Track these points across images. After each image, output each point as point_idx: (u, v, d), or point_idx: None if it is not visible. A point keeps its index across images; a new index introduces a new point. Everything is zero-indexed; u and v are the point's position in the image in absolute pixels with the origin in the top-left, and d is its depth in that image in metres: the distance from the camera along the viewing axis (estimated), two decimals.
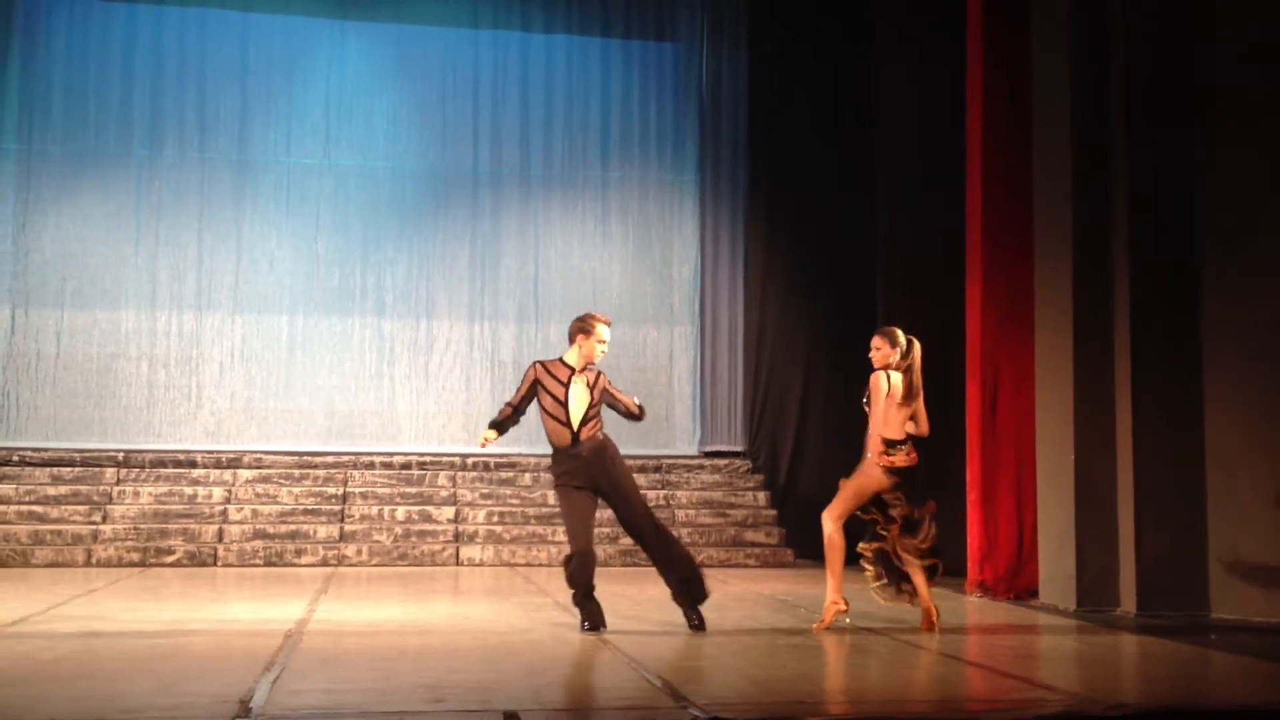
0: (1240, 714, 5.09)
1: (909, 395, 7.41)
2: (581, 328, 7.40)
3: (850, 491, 7.44)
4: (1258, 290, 8.40)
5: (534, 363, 7.50)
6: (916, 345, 7.55)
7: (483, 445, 7.49)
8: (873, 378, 7.45)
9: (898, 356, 7.47)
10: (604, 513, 12.90)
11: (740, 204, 14.31)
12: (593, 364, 7.44)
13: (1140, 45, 8.85)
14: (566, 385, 7.33)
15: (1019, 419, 9.59)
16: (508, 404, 7.51)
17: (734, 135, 14.34)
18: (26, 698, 5.03)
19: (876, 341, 7.57)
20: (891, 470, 7.34)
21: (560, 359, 7.46)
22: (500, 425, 7.49)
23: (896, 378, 7.44)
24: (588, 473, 7.29)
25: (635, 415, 7.58)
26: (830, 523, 7.44)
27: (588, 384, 7.37)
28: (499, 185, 14.23)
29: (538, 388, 7.37)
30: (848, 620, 7.49)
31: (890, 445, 7.35)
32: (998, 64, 9.88)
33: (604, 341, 7.40)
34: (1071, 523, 8.78)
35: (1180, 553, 8.52)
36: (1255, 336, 8.39)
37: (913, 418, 7.45)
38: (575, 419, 7.28)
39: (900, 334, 7.56)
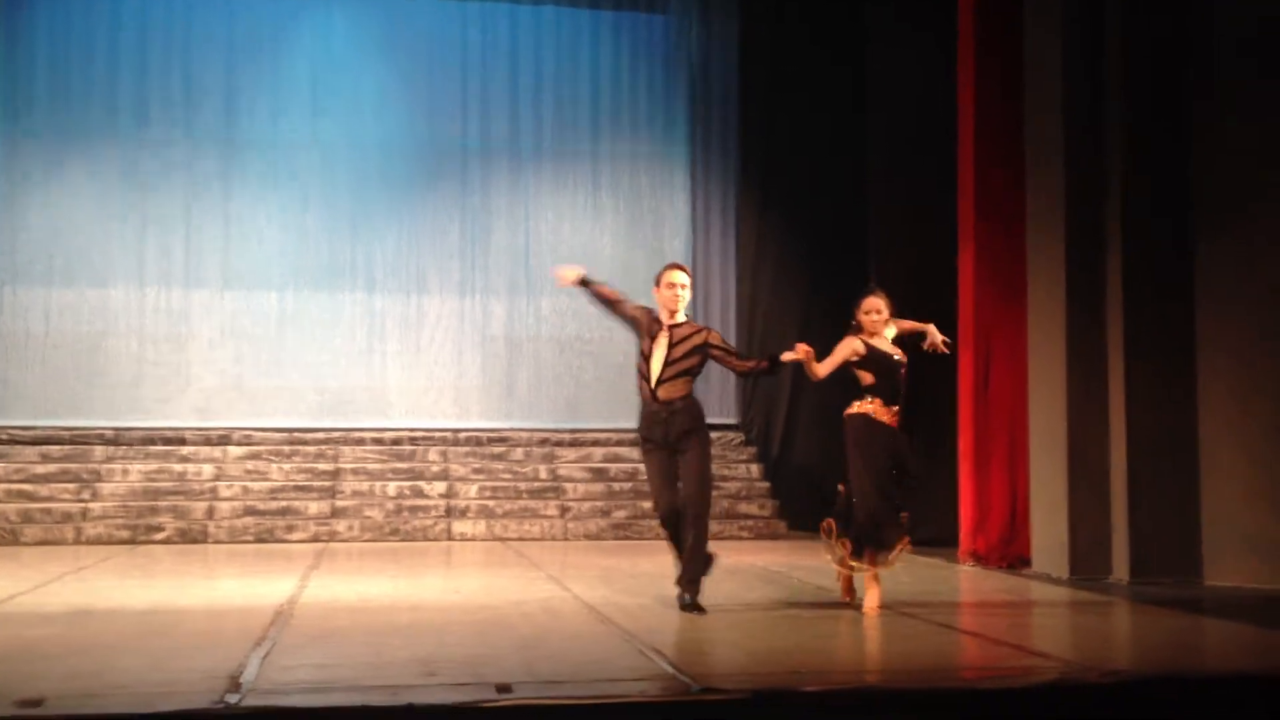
0: (1233, 681, 5.08)
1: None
2: (655, 280, 7.23)
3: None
4: (1251, 258, 8.38)
5: (645, 308, 7.22)
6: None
7: (562, 280, 7.33)
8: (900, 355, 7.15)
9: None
10: (593, 486, 12.85)
11: (732, 176, 14.23)
12: (676, 314, 7.12)
13: (1136, 11, 8.79)
14: (653, 340, 7.10)
15: (1012, 388, 9.57)
16: (605, 291, 7.29)
17: (725, 107, 14.25)
18: (16, 675, 5.00)
19: (880, 303, 7.17)
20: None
21: (655, 312, 7.22)
22: (592, 283, 7.29)
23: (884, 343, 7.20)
24: (664, 432, 7.04)
25: (748, 372, 7.34)
26: None
27: (671, 340, 7.06)
28: (488, 159, 14.12)
29: (637, 325, 7.17)
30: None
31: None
32: (991, 32, 9.83)
33: (674, 285, 7.10)
34: (1064, 491, 8.77)
35: (1173, 520, 8.52)
36: (1248, 304, 8.38)
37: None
38: (654, 376, 7.04)
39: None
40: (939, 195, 10.53)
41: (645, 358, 7.10)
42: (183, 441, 12.82)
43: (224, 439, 12.91)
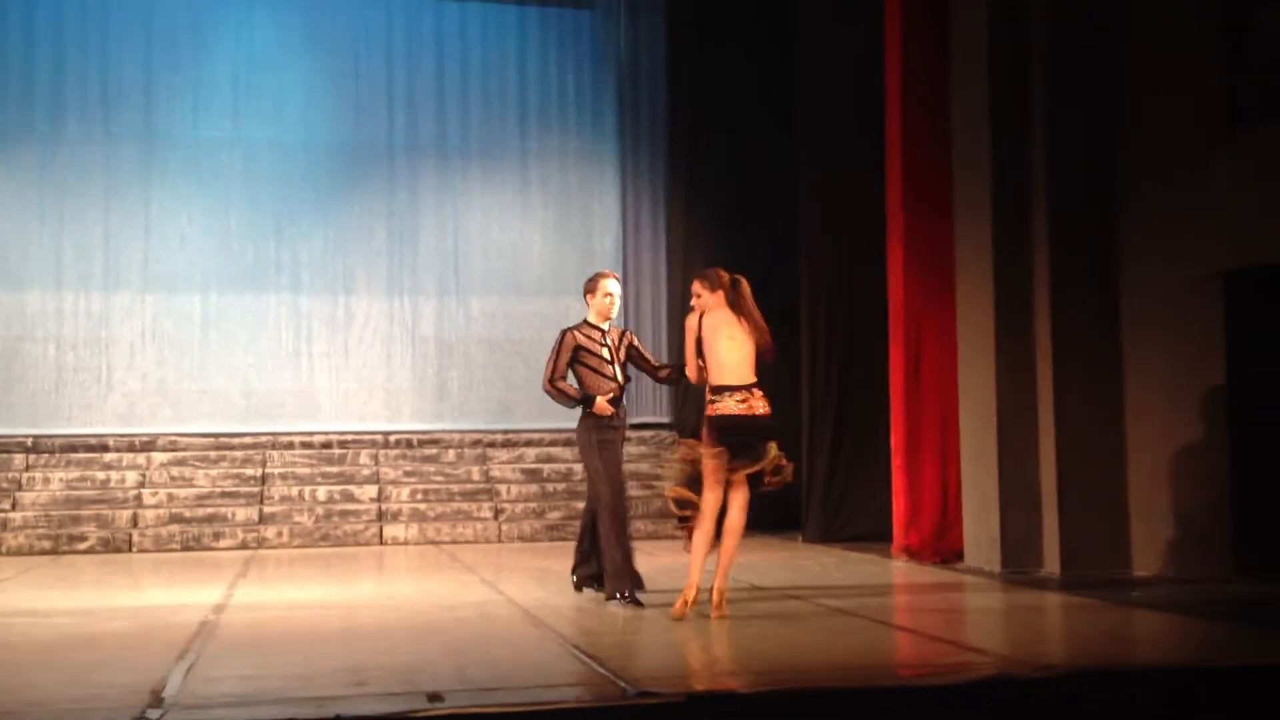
0: (1165, 672, 5.11)
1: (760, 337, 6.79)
2: (589, 288, 7.60)
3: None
4: (1177, 244, 8.45)
5: (564, 331, 7.54)
6: (744, 283, 6.92)
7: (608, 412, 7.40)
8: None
9: (723, 300, 6.81)
10: (527, 487, 12.72)
11: (661, 172, 14.19)
12: (611, 320, 7.58)
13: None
14: (605, 345, 7.50)
15: (942, 382, 9.59)
16: (555, 380, 7.43)
17: (653, 103, 14.20)
18: None
19: (697, 287, 6.93)
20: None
21: (585, 321, 7.57)
22: (590, 397, 7.41)
23: (716, 321, 6.80)
24: (618, 430, 7.49)
25: (661, 377, 7.71)
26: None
27: (613, 343, 7.53)
28: (415, 157, 13.97)
29: (580, 352, 7.45)
30: (687, 616, 6.63)
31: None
32: (916, 22, 9.84)
33: (610, 295, 7.54)
34: (995, 484, 8.81)
35: (1102, 511, 8.60)
36: (1175, 292, 8.45)
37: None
38: (620, 376, 7.48)
39: (723, 274, 6.92)
40: (871, 186, 10.53)
41: (608, 362, 7.45)
42: (105, 448, 12.54)
43: (148, 445, 12.64)
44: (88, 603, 7.81)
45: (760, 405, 6.67)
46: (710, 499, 6.71)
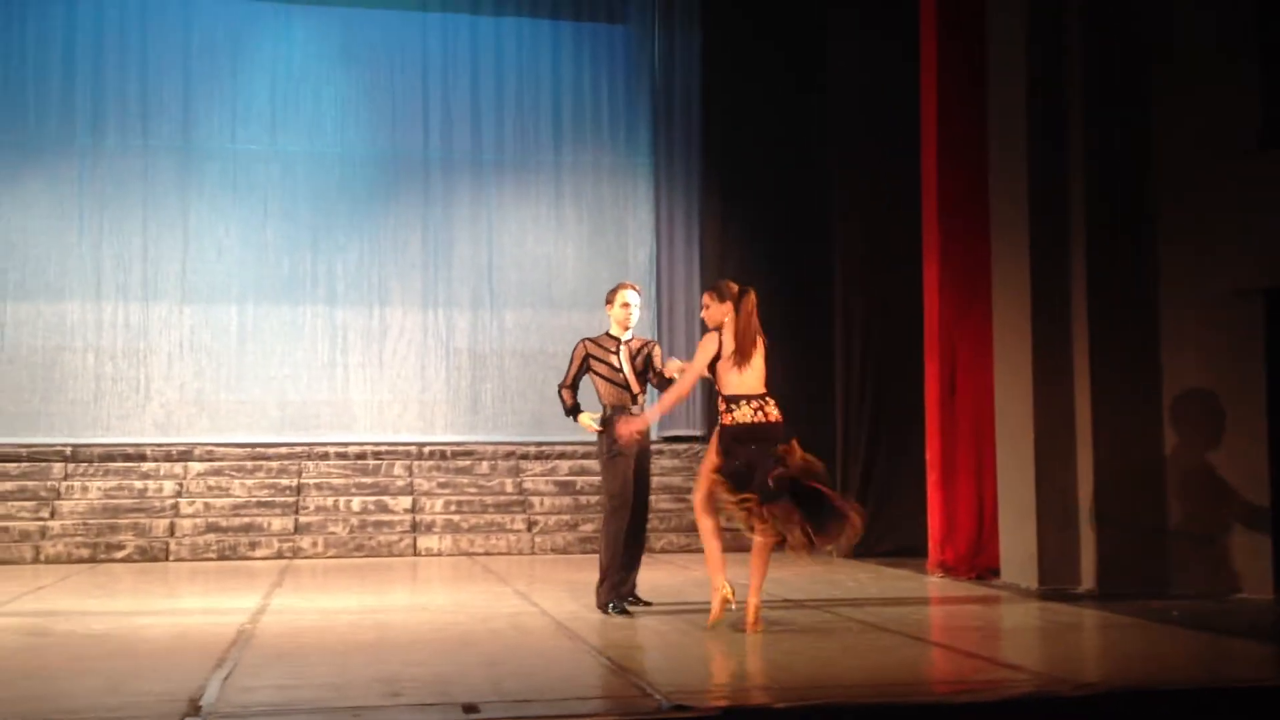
0: (1204, 692, 5.05)
1: (745, 349, 6.72)
2: (608, 298, 7.71)
3: (704, 467, 6.98)
4: (1214, 262, 8.38)
5: (580, 340, 7.70)
6: (750, 294, 6.83)
7: (591, 430, 7.62)
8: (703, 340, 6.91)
9: (731, 312, 6.79)
10: (560, 499, 12.75)
11: (695, 186, 14.19)
12: (630, 330, 7.63)
13: (1093, 18, 8.82)
14: (617, 354, 7.57)
15: (978, 397, 9.53)
16: (561, 387, 7.72)
17: (687, 117, 14.21)
18: None
19: (705, 299, 6.96)
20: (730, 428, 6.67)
21: (606, 332, 7.68)
22: (577, 409, 7.71)
23: (727, 335, 6.78)
24: (641, 441, 7.51)
25: (655, 383, 7.67)
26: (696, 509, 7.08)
27: (630, 353, 7.58)
28: (450, 170, 14.06)
29: (590, 362, 7.59)
30: (733, 607, 6.82)
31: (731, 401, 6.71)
32: (952, 41, 9.82)
33: (627, 305, 7.60)
34: (1032, 500, 8.74)
35: (1140, 528, 8.51)
36: (1213, 308, 8.38)
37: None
38: (634, 385, 7.52)
39: (733, 286, 6.89)
40: (905, 200, 10.50)
41: (618, 370, 7.53)
42: (143, 458, 12.64)
43: (185, 455, 12.73)
44: (125, 611, 7.86)
45: (773, 413, 6.74)
46: (707, 524, 7.02)
